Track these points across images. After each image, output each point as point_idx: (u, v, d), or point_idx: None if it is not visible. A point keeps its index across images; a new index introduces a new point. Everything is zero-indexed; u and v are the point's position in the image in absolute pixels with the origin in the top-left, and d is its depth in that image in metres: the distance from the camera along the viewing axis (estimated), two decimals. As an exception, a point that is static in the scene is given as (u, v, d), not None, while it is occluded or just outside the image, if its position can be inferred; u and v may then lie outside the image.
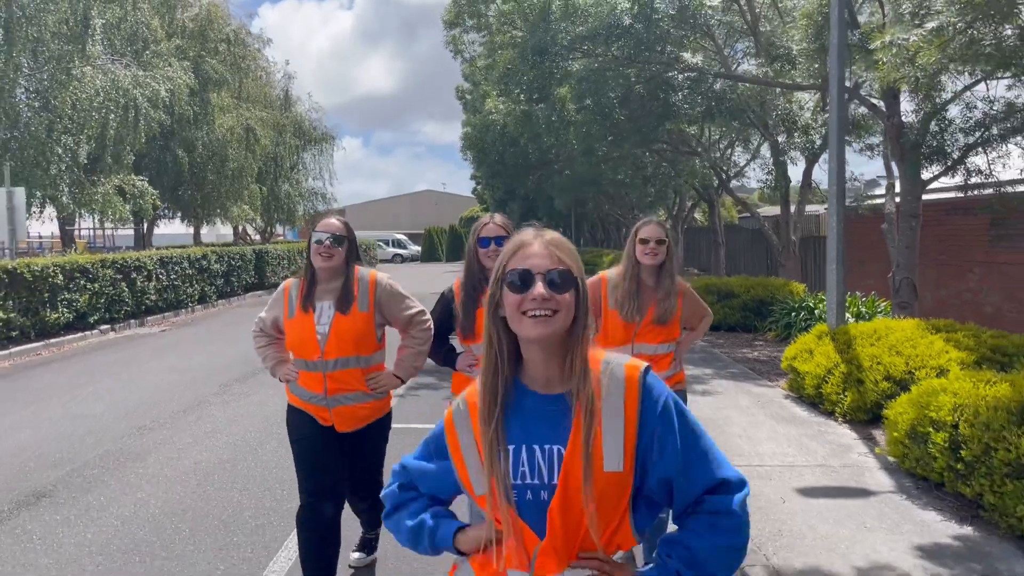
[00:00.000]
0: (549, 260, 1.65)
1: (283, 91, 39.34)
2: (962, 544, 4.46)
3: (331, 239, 3.47)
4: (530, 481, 1.61)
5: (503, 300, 1.66)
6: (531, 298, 1.61)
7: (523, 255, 1.66)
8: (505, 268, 1.68)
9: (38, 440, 7.19)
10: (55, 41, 17.97)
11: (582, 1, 11.06)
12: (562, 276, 1.63)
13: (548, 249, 1.66)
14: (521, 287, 1.63)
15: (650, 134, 12.74)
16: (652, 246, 3.86)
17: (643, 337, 3.90)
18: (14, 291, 12.72)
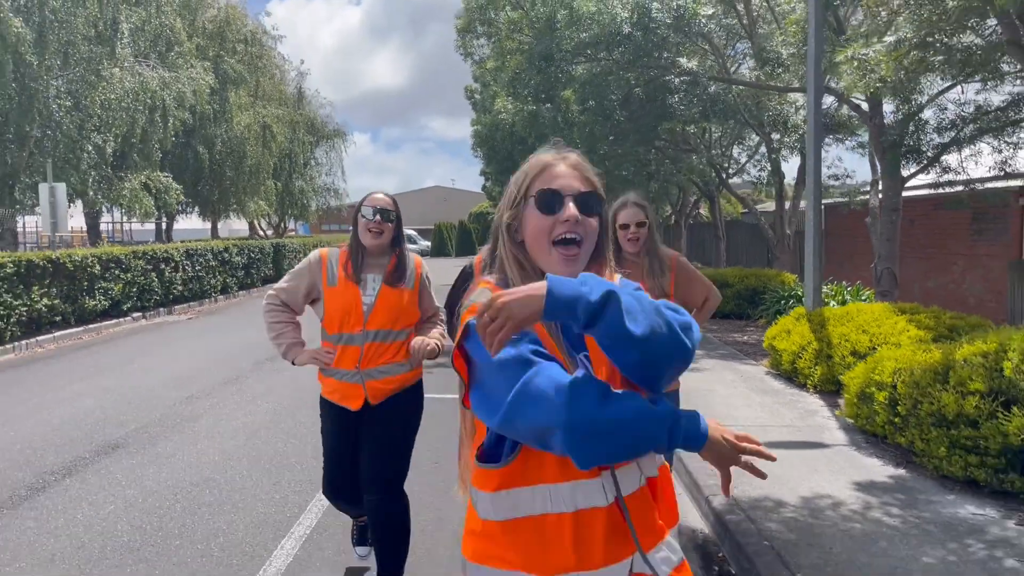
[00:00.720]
0: (578, 181, 1.57)
1: (296, 88, 40.33)
2: (893, 481, 5.35)
3: (381, 214, 3.42)
4: None
5: (525, 224, 1.58)
6: (563, 220, 1.52)
7: (550, 175, 1.57)
8: (529, 189, 1.58)
9: (101, 406, 8.13)
10: (85, 43, 18.94)
11: (585, 10, 11.92)
12: (591, 199, 1.57)
13: (575, 170, 1.59)
14: (549, 209, 1.53)
15: (649, 134, 13.63)
16: (633, 231, 3.71)
17: None
18: (57, 280, 13.69)
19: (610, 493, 1.50)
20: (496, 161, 24.79)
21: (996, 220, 14.61)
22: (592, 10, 12.00)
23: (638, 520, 1.52)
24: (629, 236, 3.69)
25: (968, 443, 5.07)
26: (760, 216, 18.02)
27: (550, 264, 1.54)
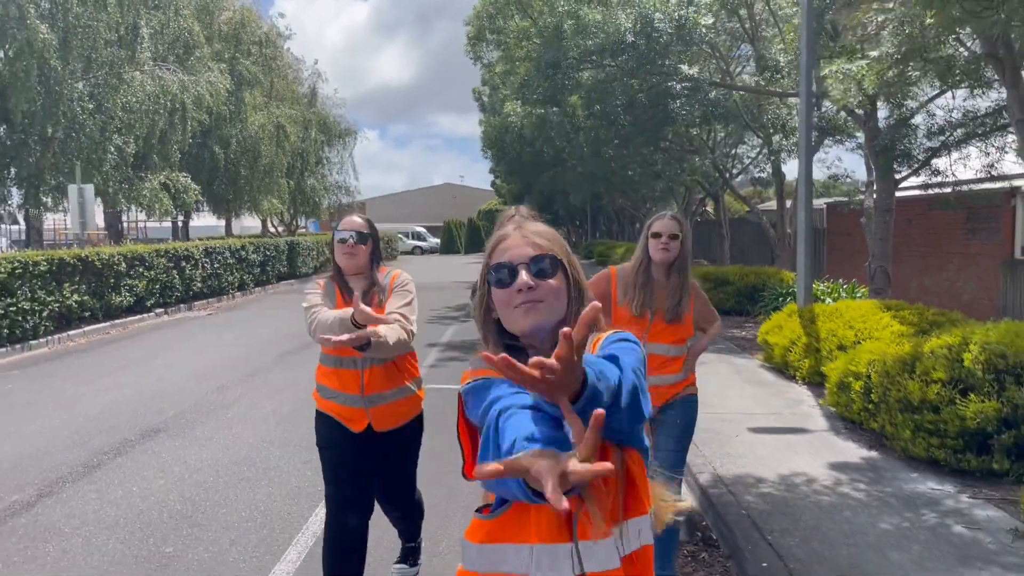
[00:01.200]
0: (530, 248, 1.60)
1: (310, 88, 40.93)
2: (864, 462, 5.90)
3: (354, 237, 3.40)
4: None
5: (493, 300, 1.62)
6: (516, 290, 1.56)
7: (502, 249, 1.62)
8: (488, 267, 1.64)
9: (138, 395, 8.75)
10: (107, 47, 19.59)
11: (591, 19, 12.47)
12: (546, 262, 1.59)
13: (528, 238, 1.62)
14: (506, 282, 1.58)
15: (652, 137, 14.19)
16: (664, 241, 3.72)
17: (656, 337, 3.76)
18: (86, 277, 14.34)
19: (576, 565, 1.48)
20: (505, 162, 25.42)
21: (988, 220, 15.08)
22: (598, 19, 12.55)
23: None
24: (660, 245, 3.71)
25: (930, 426, 5.62)
26: (762, 215, 18.53)
27: (515, 322, 1.57)
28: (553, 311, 1.56)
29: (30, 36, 17.17)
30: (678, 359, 3.84)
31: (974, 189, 12.26)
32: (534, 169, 23.37)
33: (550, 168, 22.52)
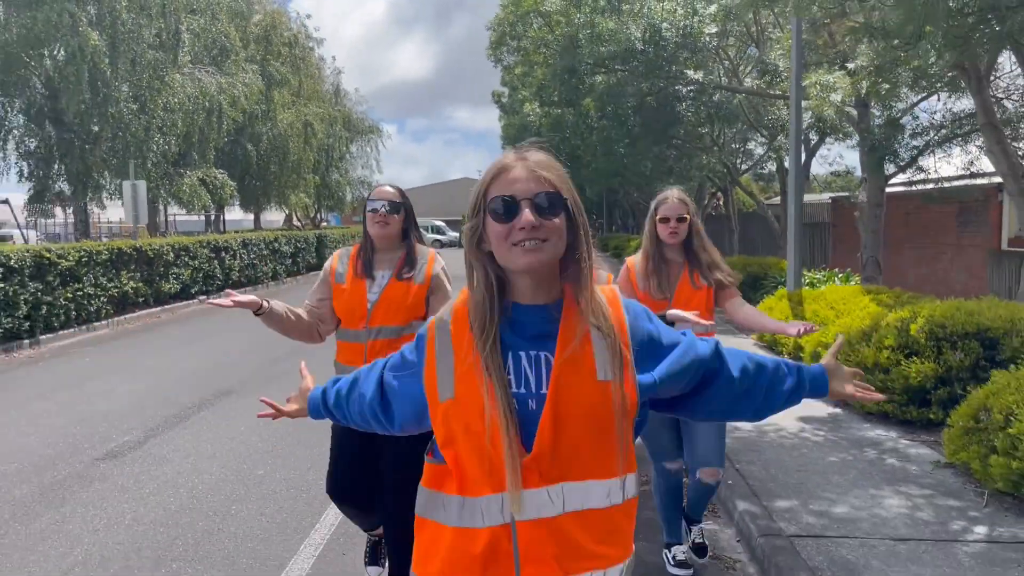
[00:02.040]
0: (535, 183, 1.51)
1: (333, 86, 42.26)
2: (828, 416, 7.02)
3: (387, 206, 3.29)
4: (514, 390, 1.51)
5: (486, 232, 1.54)
6: (519, 227, 1.48)
7: (505, 180, 1.53)
8: (486, 196, 1.55)
9: (205, 365, 10.00)
10: (151, 51, 20.90)
11: (604, 28, 13.59)
12: (550, 199, 1.51)
13: (532, 171, 1.52)
14: (506, 216, 1.49)
15: (659, 137, 15.28)
16: (672, 225, 3.69)
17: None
18: (140, 265, 15.64)
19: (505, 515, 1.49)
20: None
21: (978, 214, 16.05)
22: (612, 27, 13.66)
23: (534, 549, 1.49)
24: (669, 230, 3.69)
25: (881, 385, 6.72)
26: (768, 209, 19.58)
27: (513, 260, 1.51)
28: (555, 250, 1.51)
29: (82, 42, 18.48)
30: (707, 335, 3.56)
31: (955, 185, 13.26)
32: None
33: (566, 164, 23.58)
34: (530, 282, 1.54)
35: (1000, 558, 4.08)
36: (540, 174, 1.53)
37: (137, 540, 4.60)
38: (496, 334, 1.52)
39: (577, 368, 1.50)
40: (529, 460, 1.46)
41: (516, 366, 1.53)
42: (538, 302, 1.56)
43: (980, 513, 4.72)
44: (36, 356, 11.50)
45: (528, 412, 1.49)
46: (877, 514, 4.69)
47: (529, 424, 1.48)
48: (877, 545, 4.25)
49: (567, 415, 1.48)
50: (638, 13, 13.22)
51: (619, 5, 13.57)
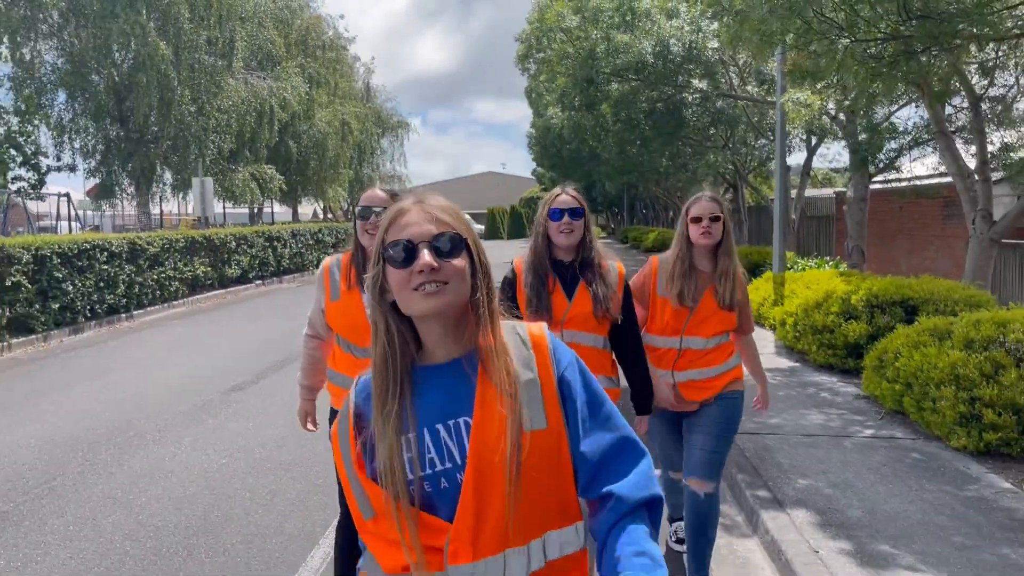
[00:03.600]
0: (432, 224, 1.44)
1: (364, 83, 44.30)
2: (788, 368, 8.87)
3: (376, 213, 3.04)
4: (441, 467, 1.41)
5: (387, 281, 1.45)
6: (417, 270, 1.40)
7: (401, 225, 1.45)
8: (384, 243, 1.46)
9: (268, 339, 12.01)
10: (208, 57, 23.00)
11: (620, 42, 15.42)
12: (450, 241, 1.43)
13: (429, 213, 1.46)
14: (404, 261, 1.42)
15: (668, 139, 17.10)
16: (705, 225, 3.44)
17: (695, 329, 3.51)
18: (208, 252, 17.73)
19: None
20: (548, 157, 28.65)
21: (960, 208, 17.68)
22: (626, 40, 15.49)
23: None
24: (701, 230, 3.44)
25: (827, 342, 8.56)
26: (772, 203, 21.30)
27: (414, 304, 1.41)
28: (457, 292, 1.43)
29: (151, 51, 20.59)
30: (719, 348, 3.55)
31: (927, 184, 14.97)
32: (573, 163, 26.47)
33: (586, 162, 25.54)
34: (439, 329, 1.45)
35: (872, 446, 5.95)
36: (437, 216, 1.45)
37: (267, 442, 6.57)
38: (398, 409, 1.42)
39: (499, 425, 1.40)
40: (456, 531, 1.37)
41: (435, 441, 1.42)
42: (452, 356, 1.46)
43: (873, 423, 6.58)
44: (134, 327, 13.59)
45: (457, 486, 1.39)
46: (799, 424, 6.56)
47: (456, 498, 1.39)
48: (791, 439, 6.13)
49: (492, 481, 1.38)
50: (649, 30, 15.03)
51: (632, 22, 15.39)
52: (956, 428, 5.73)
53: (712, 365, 3.54)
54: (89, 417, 7.22)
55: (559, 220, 3.13)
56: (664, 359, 3.57)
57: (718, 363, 3.55)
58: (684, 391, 3.58)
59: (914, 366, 6.26)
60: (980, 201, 10.89)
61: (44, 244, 12.03)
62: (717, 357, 3.55)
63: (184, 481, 5.51)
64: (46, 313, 11.98)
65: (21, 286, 11.43)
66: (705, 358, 3.53)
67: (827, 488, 5.07)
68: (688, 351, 3.52)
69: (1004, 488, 5.04)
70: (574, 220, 3.13)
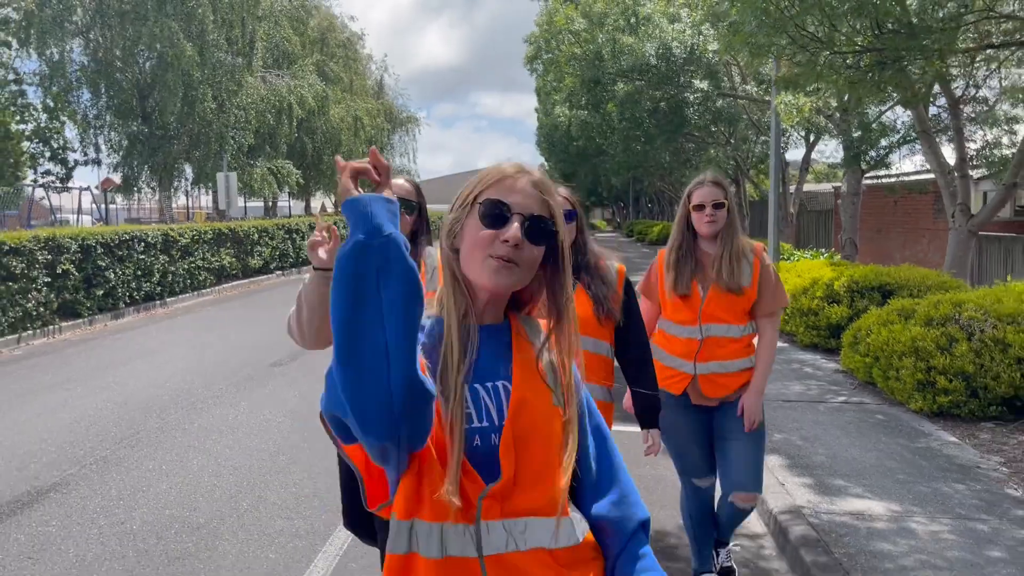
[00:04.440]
0: (535, 203, 1.40)
1: (376, 81, 45.19)
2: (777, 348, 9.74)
3: (402, 205, 2.75)
4: (477, 425, 1.37)
5: (464, 229, 1.41)
6: (502, 239, 1.36)
7: (506, 187, 1.40)
8: (479, 195, 1.41)
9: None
10: (229, 57, 23.91)
11: (624, 44, 16.28)
12: (543, 226, 1.39)
13: (535, 190, 1.41)
14: (495, 222, 1.37)
15: (671, 137, 17.97)
16: (709, 212, 3.25)
17: (712, 316, 3.32)
18: (232, 244, 18.67)
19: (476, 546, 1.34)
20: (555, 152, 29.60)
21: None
22: (631, 42, 16.35)
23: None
24: (705, 219, 3.26)
25: (812, 324, 9.44)
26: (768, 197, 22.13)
27: (480, 273, 1.38)
28: (521, 278, 1.40)
29: (178, 53, 21.51)
30: (741, 340, 3.35)
31: (917, 179, 15.81)
32: (580, 158, 27.39)
33: (593, 157, 26.46)
34: (487, 297, 1.42)
35: (843, 410, 6.84)
36: (542, 196, 1.40)
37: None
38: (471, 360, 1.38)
39: (536, 394, 1.40)
40: (494, 490, 1.34)
41: (475, 399, 1.38)
42: (496, 319, 1.46)
43: (846, 392, 7.48)
44: (169, 313, 14.54)
45: (492, 447, 1.36)
46: (781, 393, 7.45)
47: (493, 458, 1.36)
48: (772, 404, 7.01)
49: (530, 445, 1.37)
50: (652, 33, 15.89)
51: (636, 25, 16.25)
52: (914, 393, 6.61)
53: (735, 358, 3.34)
54: (153, 386, 8.15)
55: None
56: (685, 350, 3.39)
57: (742, 356, 3.34)
58: (704, 386, 3.38)
59: (881, 341, 7.13)
60: (959, 196, 11.71)
61: (89, 235, 12.96)
62: (740, 350, 3.34)
63: (249, 434, 6.43)
64: (91, 299, 12.91)
65: (70, 274, 12.36)
66: (727, 348, 3.33)
67: (799, 440, 5.96)
68: (710, 340, 3.33)
69: (949, 441, 5.92)
70: (566, 223, 2.72)
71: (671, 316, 3.45)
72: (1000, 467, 5.34)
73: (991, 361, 6.37)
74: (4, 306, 10.95)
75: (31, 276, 11.49)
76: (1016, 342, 6.35)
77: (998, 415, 6.37)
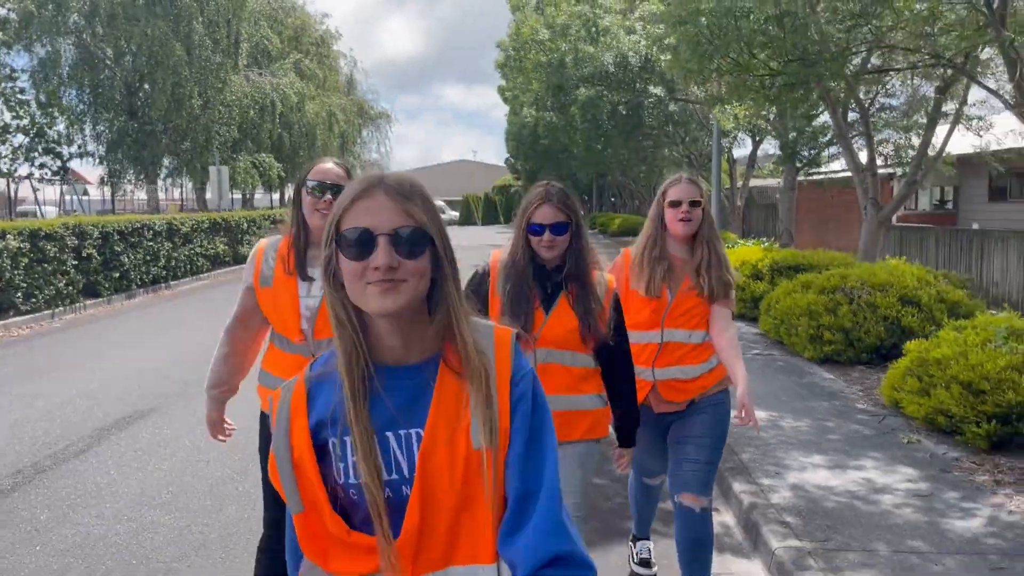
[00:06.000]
0: (395, 215, 1.29)
1: (347, 76, 46.55)
2: (710, 318, 11.63)
3: (331, 190, 2.63)
4: (388, 477, 1.32)
5: (339, 264, 1.31)
6: (372, 267, 1.27)
7: (362, 208, 1.30)
8: (339, 226, 1.31)
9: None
10: (215, 56, 25.28)
11: (584, 55, 18.11)
12: (414, 237, 1.29)
13: (393, 200, 1.30)
14: (359, 252, 1.28)
15: (628, 137, 19.90)
16: (684, 209, 3.11)
17: (674, 321, 3.18)
18: (225, 233, 20.17)
19: None
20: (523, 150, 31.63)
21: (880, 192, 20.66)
22: (591, 51, 18.17)
23: None
24: (680, 215, 3.12)
25: (740, 297, 11.31)
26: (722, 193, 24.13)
27: (365, 302, 1.29)
28: (414, 292, 1.30)
29: (167, 52, 22.86)
30: (704, 345, 3.23)
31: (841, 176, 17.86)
32: (546, 156, 29.32)
33: (558, 155, 28.39)
34: (390, 327, 1.31)
35: (754, 360, 8.71)
36: (402, 205, 1.30)
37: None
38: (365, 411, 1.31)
39: (450, 440, 1.32)
40: (399, 547, 1.30)
41: (384, 449, 1.32)
42: (411, 359, 1.35)
43: (760, 348, 9.36)
44: (174, 295, 16.05)
45: (402, 499, 1.31)
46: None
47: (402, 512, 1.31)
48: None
49: (439, 499, 1.31)
50: (610, 44, 17.74)
51: (596, 37, 18.08)
52: (808, 345, 8.50)
53: (697, 363, 3.21)
54: (181, 353, 9.78)
55: (539, 235, 2.71)
56: (643, 355, 3.20)
57: (703, 360, 3.22)
58: (664, 391, 3.25)
59: (786, 307, 9.01)
60: (871, 191, 13.72)
61: (107, 223, 14.46)
62: (702, 353, 3.22)
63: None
64: (109, 280, 14.41)
65: (92, 258, 13.85)
66: (689, 354, 3.21)
67: (715, 378, 7.82)
68: (670, 345, 3.20)
69: (827, 378, 7.82)
70: (557, 236, 2.70)
71: (629, 320, 3.04)
72: (859, 393, 7.23)
73: (864, 319, 8.27)
74: (40, 285, 12.44)
75: (61, 259, 12.98)
76: (883, 304, 8.27)
77: (868, 360, 8.27)
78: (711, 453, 3.25)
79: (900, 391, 6.20)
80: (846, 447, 5.64)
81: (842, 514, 4.44)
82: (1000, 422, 5.33)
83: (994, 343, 5.87)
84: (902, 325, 8.16)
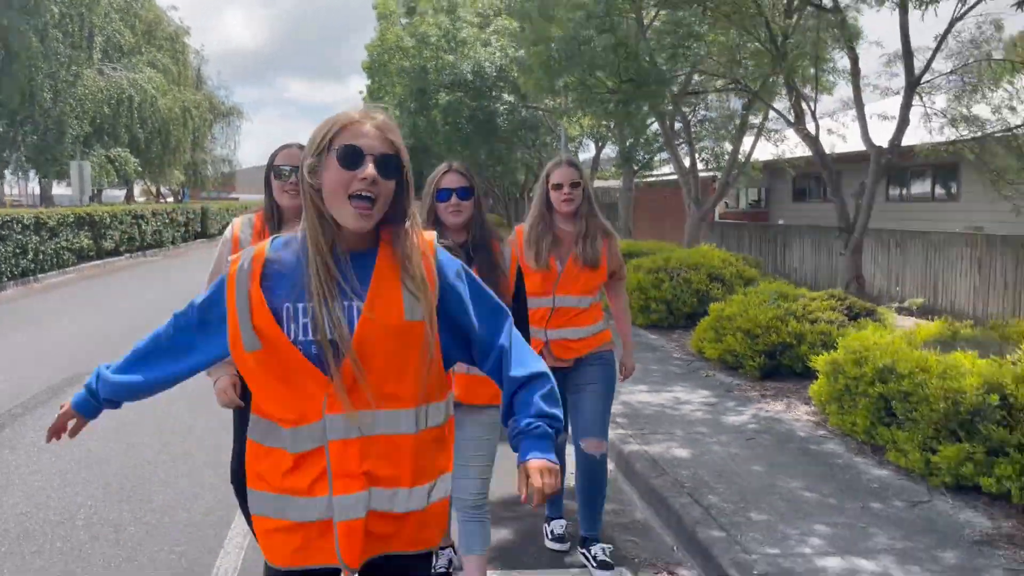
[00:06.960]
0: (380, 143, 1.65)
1: (196, 71, 45.85)
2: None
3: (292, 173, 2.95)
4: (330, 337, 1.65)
5: (323, 174, 1.65)
6: (360, 178, 1.61)
7: (354, 132, 1.65)
8: (332, 141, 1.65)
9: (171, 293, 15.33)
10: (68, 50, 24.95)
11: (444, 63, 19.69)
12: (391, 162, 1.65)
13: (380, 132, 1.66)
14: (350, 164, 1.61)
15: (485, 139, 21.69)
16: (567, 191, 3.52)
17: (565, 287, 3.61)
18: (89, 228, 20.29)
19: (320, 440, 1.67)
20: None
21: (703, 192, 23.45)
22: (451, 60, 19.75)
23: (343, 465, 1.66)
24: (563, 196, 3.53)
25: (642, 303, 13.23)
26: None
27: (343, 216, 1.63)
28: (381, 212, 1.66)
29: (22, 44, 22.49)
30: (590, 309, 3.68)
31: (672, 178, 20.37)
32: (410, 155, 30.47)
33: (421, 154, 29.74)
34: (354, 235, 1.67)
35: (596, 326, 10.58)
36: (386, 135, 1.66)
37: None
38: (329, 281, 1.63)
39: (385, 312, 1.65)
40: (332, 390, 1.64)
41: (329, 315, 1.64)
42: (359, 248, 1.69)
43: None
44: (43, 288, 16.30)
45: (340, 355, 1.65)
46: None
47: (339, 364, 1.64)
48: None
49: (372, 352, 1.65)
50: (468, 54, 19.41)
51: (455, 47, 19.71)
52: (638, 314, 10.46)
53: (584, 324, 3.65)
54: (90, 334, 10.57)
55: (446, 200, 2.98)
56: (535, 317, 3.52)
57: (590, 323, 3.67)
58: (556, 349, 3.63)
59: (622, 284, 10.94)
60: (693, 191, 16.04)
61: (-22, 216, 14.63)
62: (589, 317, 3.67)
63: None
64: (-21, 273, 14.61)
65: (-37, 250, 14.06)
66: (578, 317, 3.63)
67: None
68: (560, 309, 3.61)
69: (653, 338, 9.79)
70: (463, 200, 2.99)
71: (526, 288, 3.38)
72: (676, 347, 9.21)
73: (682, 292, 10.32)
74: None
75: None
76: (694, 279, 10.36)
77: (684, 325, 10.33)
78: (605, 402, 3.70)
79: (703, 341, 8.19)
80: (662, 380, 7.51)
81: (656, 416, 6.26)
82: (768, 357, 7.35)
83: (768, 302, 7.94)
84: (710, 296, 10.25)
